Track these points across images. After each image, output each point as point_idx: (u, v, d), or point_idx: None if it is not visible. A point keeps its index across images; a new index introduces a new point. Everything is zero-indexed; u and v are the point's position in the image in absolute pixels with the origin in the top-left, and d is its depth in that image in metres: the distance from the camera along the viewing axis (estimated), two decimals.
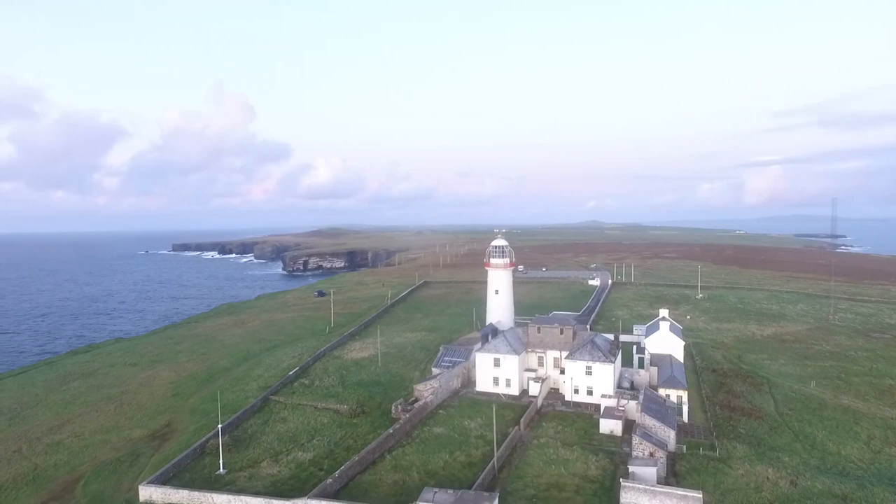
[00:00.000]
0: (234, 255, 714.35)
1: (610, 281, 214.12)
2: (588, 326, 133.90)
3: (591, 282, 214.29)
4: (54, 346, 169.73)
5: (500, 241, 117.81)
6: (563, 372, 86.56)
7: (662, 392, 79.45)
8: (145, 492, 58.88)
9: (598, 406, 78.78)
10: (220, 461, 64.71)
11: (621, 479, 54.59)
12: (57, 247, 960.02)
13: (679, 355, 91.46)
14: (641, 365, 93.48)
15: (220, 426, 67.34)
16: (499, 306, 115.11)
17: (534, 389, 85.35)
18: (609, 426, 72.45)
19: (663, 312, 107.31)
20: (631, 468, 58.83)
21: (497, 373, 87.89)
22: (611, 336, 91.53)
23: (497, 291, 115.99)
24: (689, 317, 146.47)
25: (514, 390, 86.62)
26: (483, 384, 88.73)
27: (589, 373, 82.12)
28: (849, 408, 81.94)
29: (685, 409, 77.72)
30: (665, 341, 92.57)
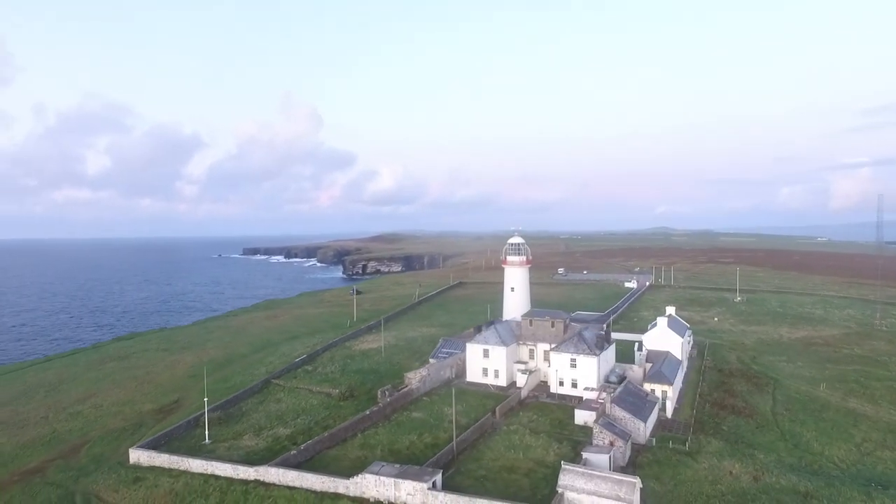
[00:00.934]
0: (298, 259, 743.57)
1: (648, 283, 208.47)
2: (605, 325, 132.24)
3: (627, 284, 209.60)
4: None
5: (516, 239, 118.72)
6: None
7: (647, 386, 78.07)
8: (134, 454, 64.90)
9: (580, 398, 78.66)
10: (206, 433, 70.06)
11: (562, 462, 54.93)
12: (144, 251, 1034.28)
13: (677, 352, 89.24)
14: None
15: (205, 400, 72.83)
16: (515, 303, 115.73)
17: (522, 381, 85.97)
18: (584, 417, 72.20)
19: (670, 310, 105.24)
20: (584, 454, 58.98)
21: (486, 363, 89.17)
22: (601, 330, 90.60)
23: (513, 289, 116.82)
24: (716, 318, 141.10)
25: (503, 381, 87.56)
26: (473, 375, 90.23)
27: (573, 365, 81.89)
28: (853, 411, 77.31)
29: (668, 404, 76.08)
30: (662, 338, 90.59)
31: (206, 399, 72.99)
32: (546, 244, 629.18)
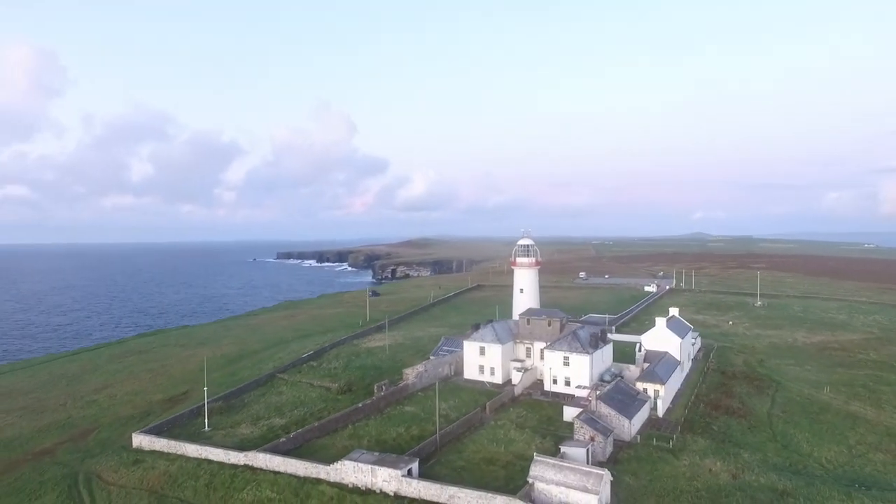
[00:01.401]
0: (329, 264, 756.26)
1: (668, 287, 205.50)
2: (614, 327, 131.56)
3: (647, 288, 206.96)
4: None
5: (525, 241, 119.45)
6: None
7: (640, 385, 77.97)
8: (136, 439, 68.53)
9: (573, 396, 79.10)
10: (206, 421, 73.42)
11: (535, 454, 55.79)
12: (184, 255, 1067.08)
13: (675, 353, 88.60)
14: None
15: (205, 390, 76.27)
16: (523, 304, 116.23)
17: (517, 378, 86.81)
18: (572, 413, 72.30)
19: (673, 311, 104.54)
20: (562, 448, 59.57)
21: (482, 361, 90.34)
22: (597, 330, 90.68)
23: (522, 290, 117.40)
24: (731, 322, 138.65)
25: (498, 379, 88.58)
26: (470, 372, 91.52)
27: (567, 363, 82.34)
28: (854, 414, 75.40)
29: (660, 403, 75.76)
30: (661, 339, 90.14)
31: (205, 388, 76.41)
32: (576, 249, 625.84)
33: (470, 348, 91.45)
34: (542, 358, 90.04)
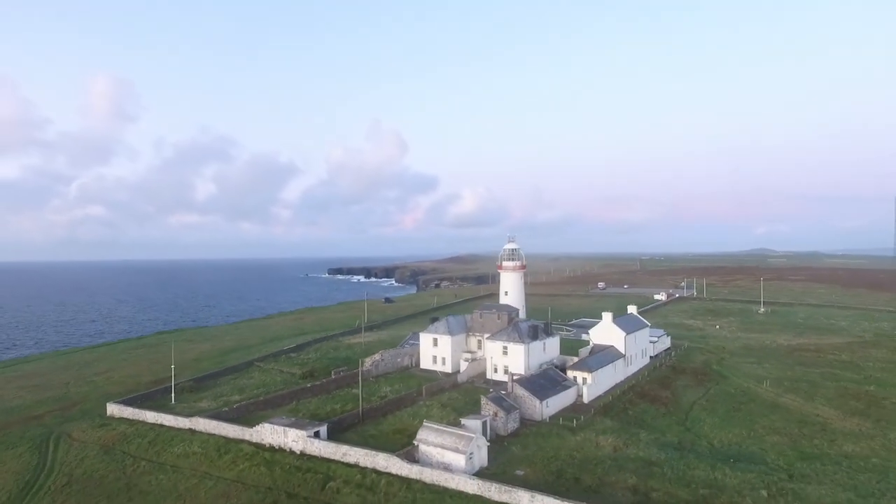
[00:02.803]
0: (377, 279, 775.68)
1: (678, 295, 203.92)
2: (589, 330, 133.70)
3: (656, 296, 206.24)
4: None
5: (512, 245, 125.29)
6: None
7: (571, 373, 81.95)
8: (110, 408, 78.58)
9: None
10: (173, 396, 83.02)
11: (424, 421, 61.51)
12: (242, 270, 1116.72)
13: (620, 346, 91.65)
14: None
15: (172, 367, 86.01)
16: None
17: (464, 367, 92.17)
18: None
19: (631, 309, 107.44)
20: (462, 420, 64.99)
21: (436, 352, 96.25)
22: (541, 322, 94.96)
23: (506, 292, 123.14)
24: (718, 326, 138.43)
25: (448, 368, 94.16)
26: (425, 362, 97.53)
27: (505, 352, 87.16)
28: (779, 404, 76.61)
29: (586, 389, 79.32)
30: (606, 333, 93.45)
31: (173, 366, 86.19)
32: (620, 264, 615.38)
33: (425, 340, 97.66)
34: (480, 347, 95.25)
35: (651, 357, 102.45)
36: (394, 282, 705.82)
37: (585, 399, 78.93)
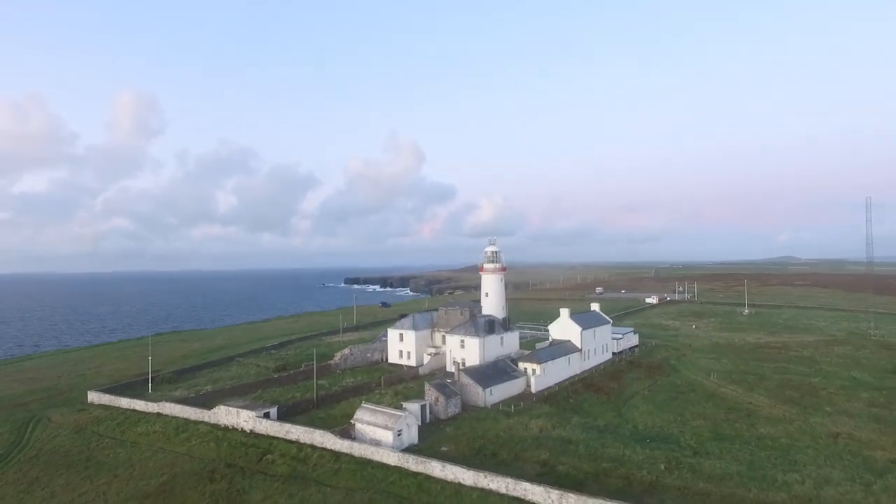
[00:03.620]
0: (392, 288, 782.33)
1: (668, 298, 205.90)
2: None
3: (647, 300, 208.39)
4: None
5: (492, 248, 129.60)
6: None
7: (522, 365, 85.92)
8: (91, 395, 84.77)
9: None
10: (150, 386, 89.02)
11: (363, 403, 66.19)
12: (263, 280, 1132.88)
13: (577, 341, 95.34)
14: None
15: (149, 358, 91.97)
16: (488, 308, 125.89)
17: (427, 361, 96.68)
18: None
19: (594, 307, 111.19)
20: (404, 404, 69.61)
21: (401, 346, 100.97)
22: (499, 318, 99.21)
23: (487, 294, 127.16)
24: (694, 326, 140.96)
25: (413, 362, 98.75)
26: (392, 356, 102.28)
27: (462, 346, 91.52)
28: (717, 394, 79.66)
29: (534, 380, 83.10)
30: (564, 329, 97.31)
31: (150, 357, 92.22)
32: (634, 273, 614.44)
33: (392, 335, 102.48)
34: (444, 342, 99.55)
35: (614, 353, 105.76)
36: (409, 291, 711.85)
37: (533, 389, 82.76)
